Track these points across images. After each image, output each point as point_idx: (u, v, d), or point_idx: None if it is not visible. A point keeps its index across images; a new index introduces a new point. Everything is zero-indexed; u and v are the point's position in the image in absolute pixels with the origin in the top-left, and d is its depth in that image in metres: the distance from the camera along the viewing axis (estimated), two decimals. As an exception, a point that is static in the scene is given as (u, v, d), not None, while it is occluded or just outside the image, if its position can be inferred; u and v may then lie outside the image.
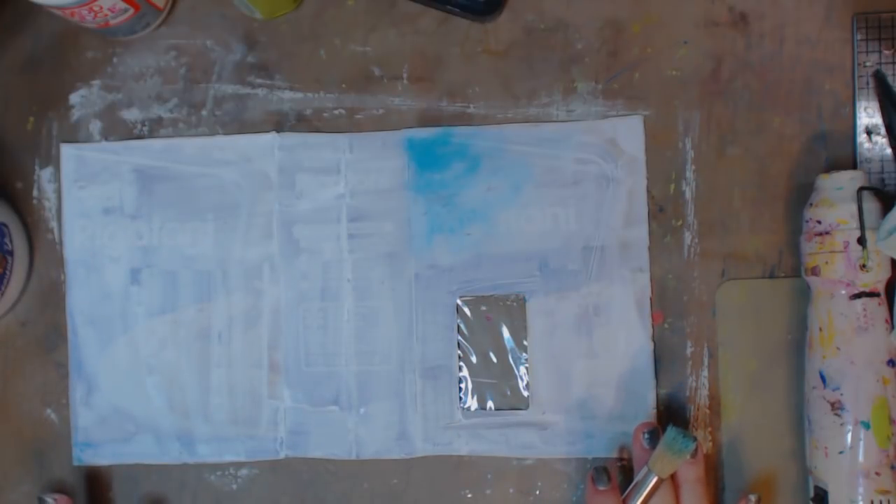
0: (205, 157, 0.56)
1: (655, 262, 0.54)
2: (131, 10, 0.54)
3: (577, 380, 0.54)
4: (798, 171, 0.54)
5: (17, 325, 0.58)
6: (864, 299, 0.48)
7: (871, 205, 0.48)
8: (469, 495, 0.55)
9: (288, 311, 0.56)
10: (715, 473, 0.53)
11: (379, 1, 0.56)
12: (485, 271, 0.55)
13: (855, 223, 0.48)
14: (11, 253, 0.55)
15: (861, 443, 0.47)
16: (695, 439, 0.48)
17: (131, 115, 0.57)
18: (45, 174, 0.58)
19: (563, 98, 0.55)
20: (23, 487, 0.57)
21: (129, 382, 0.56)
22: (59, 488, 0.56)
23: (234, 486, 0.56)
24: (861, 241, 0.48)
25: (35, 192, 0.58)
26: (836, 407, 0.48)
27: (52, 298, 0.57)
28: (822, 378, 0.49)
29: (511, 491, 0.55)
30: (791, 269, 0.53)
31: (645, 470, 0.48)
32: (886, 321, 0.48)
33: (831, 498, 0.48)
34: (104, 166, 0.57)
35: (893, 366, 0.48)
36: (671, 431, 0.48)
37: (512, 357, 0.54)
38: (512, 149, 0.55)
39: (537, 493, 0.54)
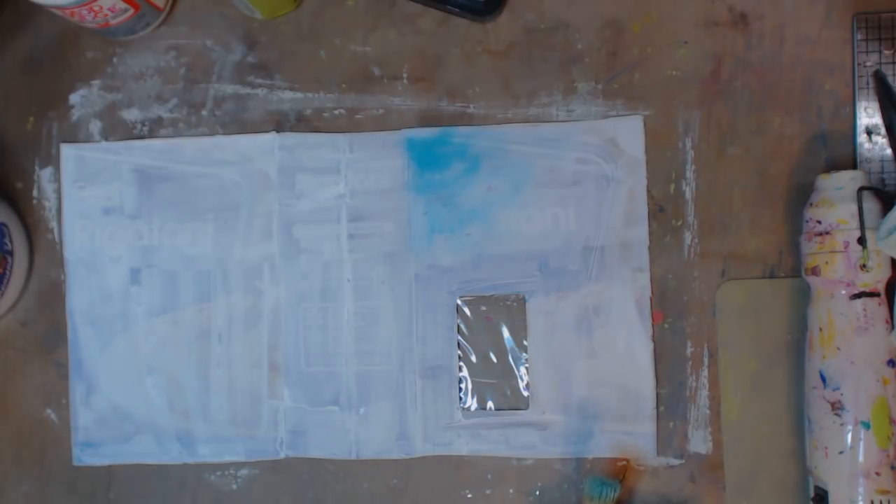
0: (205, 157, 0.56)
1: (655, 262, 0.54)
2: (131, 10, 0.54)
3: (577, 380, 0.54)
4: (798, 171, 0.54)
5: (17, 325, 0.58)
6: (864, 299, 0.48)
7: (871, 205, 0.48)
8: (469, 495, 0.55)
9: (288, 311, 0.56)
10: (715, 473, 0.53)
11: (379, 1, 0.56)
12: (485, 271, 0.55)
13: (855, 223, 0.48)
14: (11, 253, 0.55)
15: (861, 443, 0.47)
16: (616, 484, 0.51)
17: (131, 115, 0.57)
18: (45, 174, 0.58)
19: (563, 98, 0.55)
20: (23, 487, 0.57)
21: (129, 382, 0.56)
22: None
23: (234, 486, 0.56)
24: (861, 241, 0.48)
25: (35, 192, 0.58)
26: (836, 407, 0.48)
27: (52, 298, 0.57)
28: (822, 378, 0.49)
29: (511, 491, 0.55)
30: (791, 269, 0.53)
31: None
32: (886, 321, 0.48)
33: (831, 498, 0.48)
34: (104, 166, 0.57)
35: (893, 366, 0.48)
36: (590, 482, 0.51)
37: (512, 357, 0.54)
38: (512, 149, 0.55)
39: (537, 493, 0.54)
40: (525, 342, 0.54)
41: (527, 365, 0.54)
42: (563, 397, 0.54)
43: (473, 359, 0.55)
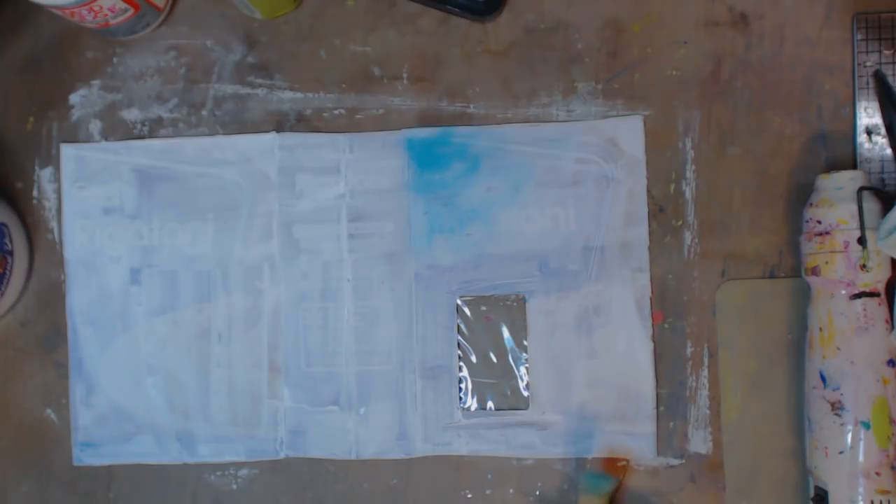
0: (205, 157, 0.56)
1: (655, 262, 0.54)
2: (131, 10, 0.54)
3: (577, 380, 0.54)
4: (798, 171, 0.54)
5: (17, 325, 0.58)
6: (864, 299, 0.48)
7: (871, 205, 0.48)
8: (469, 495, 0.55)
9: (288, 311, 0.56)
10: (715, 473, 0.53)
11: (379, 1, 0.56)
12: (485, 271, 0.55)
13: (855, 223, 0.48)
14: (11, 253, 0.55)
15: (861, 443, 0.47)
16: (612, 478, 0.52)
17: (131, 115, 0.57)
18: (45, 174, 0.58)
19: (563, 98, 0.55)
20: (23, 487, 0.57)
21: (129, 382, 0.56)
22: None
23: (234, 486, 0.56)
24: (861, 241, 0.48)
25: (35, 192, 0.58)
26: (836, 407, 0.48)
27: (52, 298, 0.57)
28: (822, 378, 0.49)
29: (511, 491, 0.55)
30: (791, 269, 0.53)
31: None
32: (886, 321, 0.48)
33: (831, 498, 0.48)
34: (104, 166, 0.57)
35: (893, 366, 0.48)
36: (586, 477, 0.52)
37: (512, 357, 0.54)
38: (512, 149, 0.55)
39: (537, 493, 0.54)
40: (525, 342, 0.54)
41: (527, 365, 0.54)
42: (562, 397, 0.54)
43: (473, 359, 0.55)
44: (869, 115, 0.53)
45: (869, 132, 0.53)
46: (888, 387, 0.48)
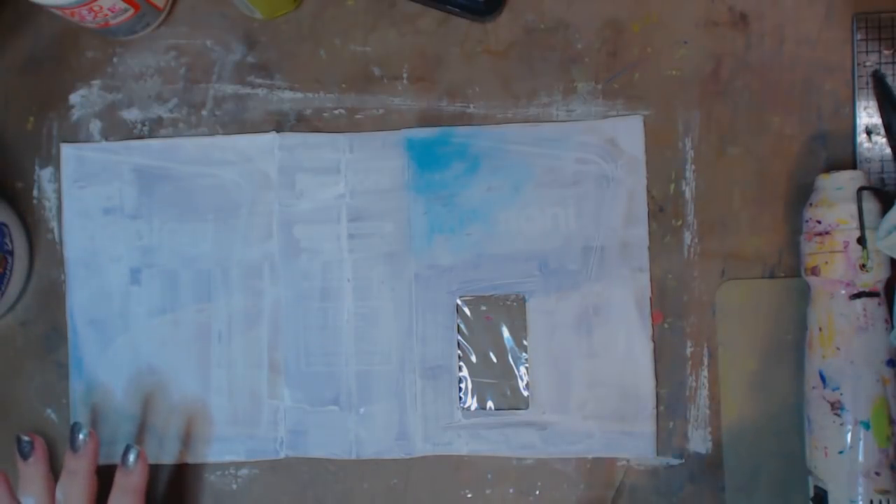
0: (205, 157, 0.56)
1: (655, 261, 0.54)
2: (131, 10, 0.54)
3: (577, 380, 0.54)
4: (798, 171, 0.54)
5: (17, 325, 0.58)
6: (863, 299, 0.48)
7: (871, 205, 0.48)
8: (469, 495, 0.55)
9: (288, 311, 0.56)
10: (715, 473, 0.53)
11: (379, 1, 0.56)
12: (485, 271, 0.55)
13: (855, 223, 0.48)
14: (11, 253, 0.55)
15: (861, 443, 0.47)
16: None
17: (131, 115, 0.57)
18: (45, 174, 0.58)
19: (563, 98, 0.55)
20: (23, 487, 0.57)
21: (130, 382, 0.56)
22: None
23: (234, 486, 0.56)
24: (861, 241, 0.48)
25: (35, 192, 0.58)
26: (836, 407, 0.48)
27: (52, 298, 0.57)
28: (822, 378, 0.49)
29: (511, 491, 0.55)
30: (791, 269, 0.53)
31: None
32: (886, 321, 0.48)
33: (831, 498, 0.48)
34: (104, 166, 0.57)
35: (893, 366, 0.48)
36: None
37: (512, 357, 0.54)
38: (512, 149, 0.55)
39: (537, 493, 0.54)
40: (525, 342, 0.54)
41: (527, 365, 0.54)
42: (563, 397, 0.54)
43: (473, 359, 0.55)
44: (869, 115, 0.53)
45: (869, 132, 0.53)
46: (888, 387, 0.48)
